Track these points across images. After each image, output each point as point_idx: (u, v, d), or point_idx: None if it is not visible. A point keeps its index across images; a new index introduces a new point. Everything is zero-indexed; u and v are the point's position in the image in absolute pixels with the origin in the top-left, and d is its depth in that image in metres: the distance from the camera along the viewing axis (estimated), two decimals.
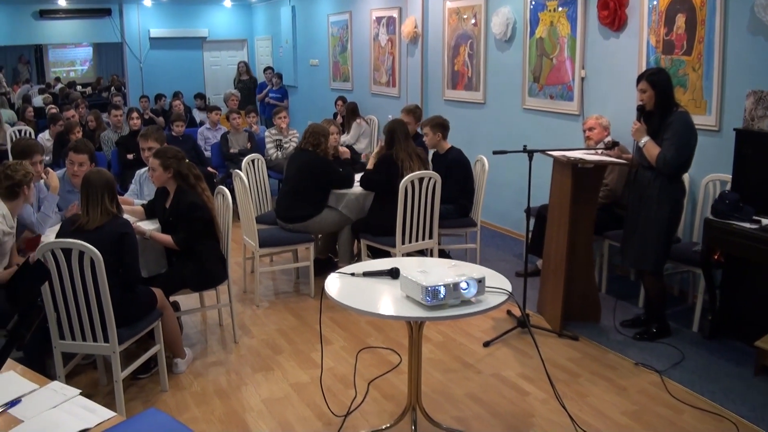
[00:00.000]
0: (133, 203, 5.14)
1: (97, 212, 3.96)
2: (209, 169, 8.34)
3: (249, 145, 9.04)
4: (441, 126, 6.30)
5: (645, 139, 4.56)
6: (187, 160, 4.73)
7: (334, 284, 3.40)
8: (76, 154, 5.17)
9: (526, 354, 4.69)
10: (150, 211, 4.94)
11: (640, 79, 4.56)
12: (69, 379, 4.19)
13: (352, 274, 3.49)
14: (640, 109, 4.57)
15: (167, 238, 4.55)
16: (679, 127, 4.43)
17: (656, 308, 4.89)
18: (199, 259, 4.61)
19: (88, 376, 4.42)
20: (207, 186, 4.76)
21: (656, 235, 4.61)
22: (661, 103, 4.49)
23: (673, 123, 4.44)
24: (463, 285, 3.07)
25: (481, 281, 3.11)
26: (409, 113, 7.01)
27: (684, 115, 4.48)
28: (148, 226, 4.74)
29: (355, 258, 6.19)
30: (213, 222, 4.67)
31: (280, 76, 13.28)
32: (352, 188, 5.95)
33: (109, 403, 3.79)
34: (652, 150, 4.53)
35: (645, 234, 4.64)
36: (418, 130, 6.84)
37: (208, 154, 9.22)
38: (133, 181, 5.63)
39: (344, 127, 9.87)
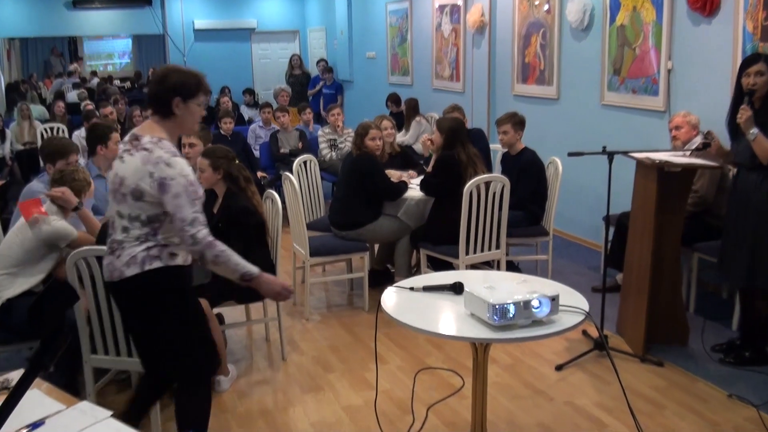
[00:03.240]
0: None
1: None
2: (259, 174, 8.42)
3: (300, 144, 9.13)
4: (521, 124, 6.29)
5: (755, 131, 4.31)
6: (237, 161, 4.80)
7: (391, 298, 3.39)
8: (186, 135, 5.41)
9: (603, 380, 4.61)
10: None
11: (753, 61, 4.37)
12: (100, 399, 4.25)
13: (411, 288, 3.47)
14: (750, 94, 4.35)
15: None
16: None
17: (759, 333, 4.72)
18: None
19: (122, 396, 4.47)
20: (256, 189, 4.83)
21: None
22: None
23: None
24: (535, 303, 3.03)
25: (554, 299, 3.06)
26: (453, 111, 6.99)
27: None
28: None
29: (414, 270, 6.17)
30: (264, 228, 4.73)
31: (331, 70, 13.36)
32: (412, 193, 5.97)
33: (145, 426, 3.82)
34: (764, 143, 4.30)
35: (756, 247, 4.45)
36: (470, 127, 6.79)
37: (257, 153, 9.33)
38: None
39: (403, 126, 9.87)
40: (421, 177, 6.06)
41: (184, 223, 3.07)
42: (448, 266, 5.58)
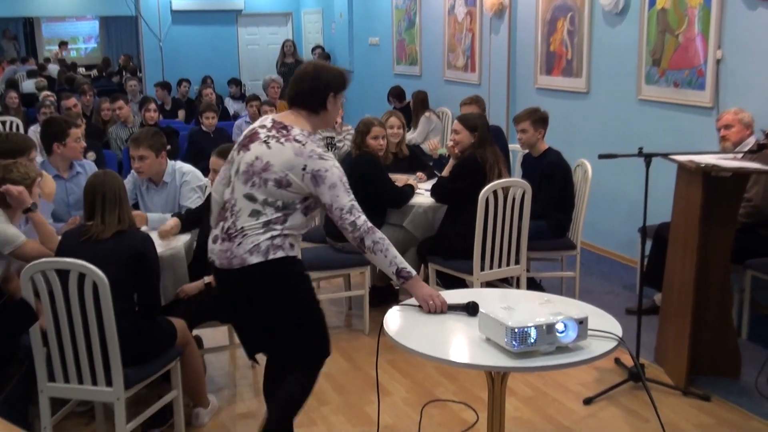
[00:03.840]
0: (145, 218, 5.22)
1: (114, 218, 4.07)
2: None
3: None
4: (543, 121, 6.28)
5: None
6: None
7: (395, 320, 3.39)
8: (135, 147, 5.38)
9: (639, 416, 4.60)
10: (191, 220, 5.10)
11: None
12: None
13: (419, 308, 3.48)
14: None
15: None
16: None
17: None
18: None
19: (83, 430, 4.44)
20: None
21: None
22: None
23: None
24: (560, 327, 3.02)
25: (582, 322, 3.05)
26: (473, 104, 6.97)
27: None
28: (175, 241, 4.88)
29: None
30: None
31: (328, 58, 13.39)
32: (420, 199, 5.97)
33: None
34: None
35: None
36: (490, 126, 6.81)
37: None
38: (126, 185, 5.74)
39: (411, 123, 9.86)
40: (432, 181, 6.05)
41: (343, 211, 3.60)
42: (461, 284, 5.57)
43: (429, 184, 6.07)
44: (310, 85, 3.70)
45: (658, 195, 5.74)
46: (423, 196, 6.01)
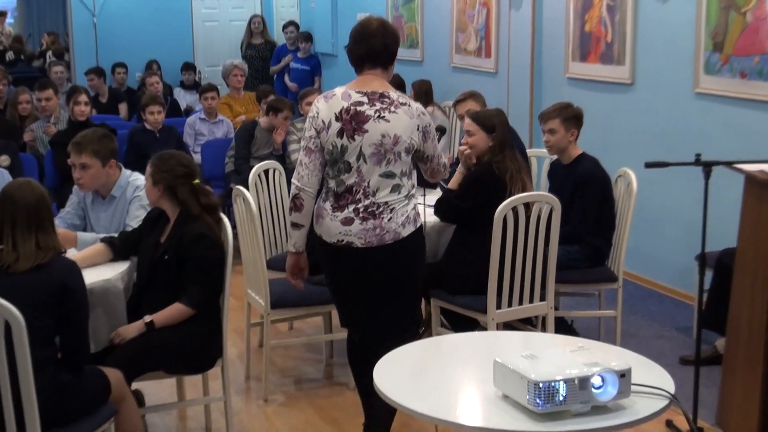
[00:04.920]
0: (74, 238, 5.20)
1: (30, 245, 4.03)
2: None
3: (271, 148, 9.13)
4: (576, 120, 6.28)
5: None
6: (196, 181, 4.97)
7: (388, 371, 3.39)
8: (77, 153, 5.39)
9: None
10: (127, 245, 5.10)
11: None
12: None
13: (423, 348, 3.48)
14: None
15: (173, 310, 4.73)
16: None
17: None
18: (184, 324, 4.74)
19: None
20: (219, 218, 4.98)
21: None
22: None
23: None
24: (597, 381, 3.03)
25: (624, 375, 3.05)
26: (470, 101, 6.99)
27: None
28: (109, 271, 4.84)
29: (423, 330, 6.16)
30: (224, 269, 4.91)
31: (308, 38, 13.40)
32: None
33: None
34: None
35: None
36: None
37: (198, 158, 9.35)
38: (70, 201, 5.72)
39: None
40: (436, 194, 6.05)
41: (441, 158, 4.79)
42: (472, 325, 5.57)
43: (432, 198, 6.02)
44: (381, 42, 4.58)
45: (721, 214, 5.74)
46: (426, 214, 5.98)
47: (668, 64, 7.57)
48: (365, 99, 4.50)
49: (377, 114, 4.47)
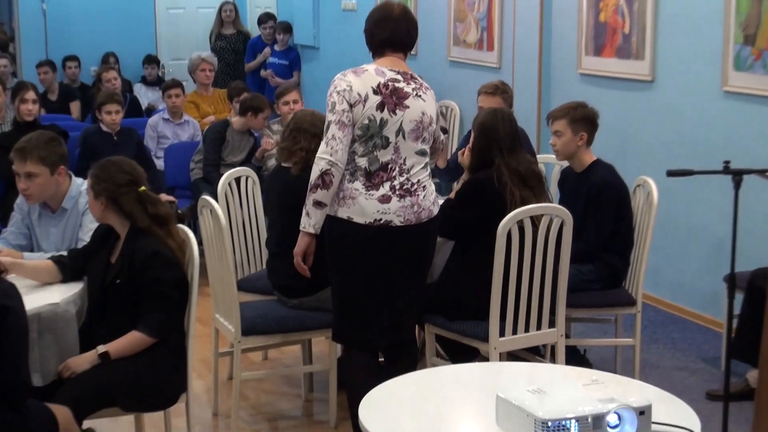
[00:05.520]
0: (18, 258, 5.20)
1: None
2: (162, 198, 8.42)
3: (244, 154, 9.12)
4: (586, 122, 6.26)
5: None
6: (142, 188, 4.92)
7: (376, 406, 3.40)
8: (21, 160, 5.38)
9: None
10: (79, 264, 5.07)
11: None
12: None
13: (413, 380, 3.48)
14: None
15: (130, 339, 4.69)
16: None
17: None
18: (142, 355, 4.71)
19: None
20: (178, 234, 4.94)
21: None
22: None
23: None
24: (613, 419, 3.03)
25: (644, 412, 3.06)
26: (496, 94, 6.97)
27: None
28: (59, 293, 4.82)
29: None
30: (186, 290, 4.88)
31: (288, 30, 13.39)
32: None
33: None
34: None
35: None
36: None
37: (160, 163, 9.39)
38: (12, 220, 5.71)
39: None
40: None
41: (442, 134, 5.41)
42: (472, 354, 5.57)
43: None
44: (405, 28, 5.10)
45: (753, 229, 5.75)
46: None
47: (693, 59, 7.58)
48: (400, 77, 4.99)
49: (415, 92, 5.01)
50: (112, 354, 4.64)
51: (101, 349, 4.65)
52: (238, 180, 6.67)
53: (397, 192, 4.93)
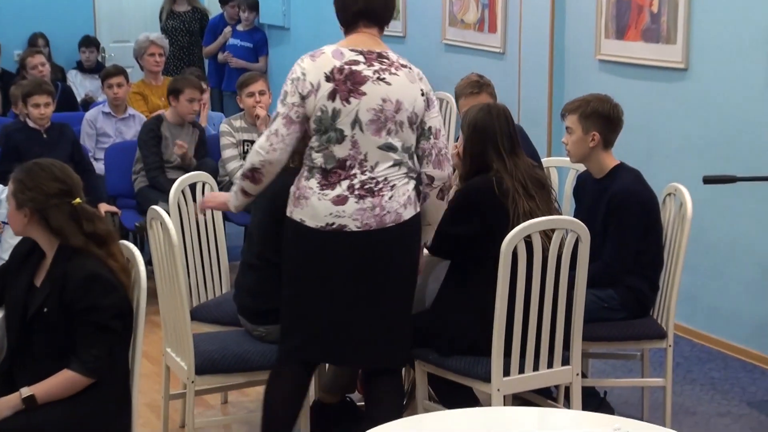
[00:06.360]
0: None
1: None
2: (103, 207, 8.41)
3: (192, 154, 9.08)
4: (600, 119, 6.24)
5: None
6: (77, 200, 4.87)
7: None
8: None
9: None
10: None
11: None
12: None
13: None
14: None
15: (60, 379, 4.65)
16: None
17: None
18: (76, 399, 4.68)
19: None
20: (118, 250, 4.91)
21: None
22: None
23: None
24: None
25: None
26: (481, 91, 7.02)
27: None
28: None
29: (405, 402, 6.15)
30: (131, 318, 4.83)
31: (253, 7, 13.40)
32: None
33: None
34: None
35: None
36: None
37: (100, 167, 9.40)
38: None
39: None
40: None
41: (444, 137, 5.24)
42: (469, 397, 5.59)
43: None
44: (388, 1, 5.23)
45: None
46: None
47: (733, 44, 7.59)
48: (361, 58, 5.03)
49: (376, 75, 5.01)
50: (39, 398, 4.60)
51: (25, 392, 4.60)
52: (193, 187, 6.64)
53: (356, 192, 4.98)
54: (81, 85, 13.03)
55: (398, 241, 5.10)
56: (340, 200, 4.95)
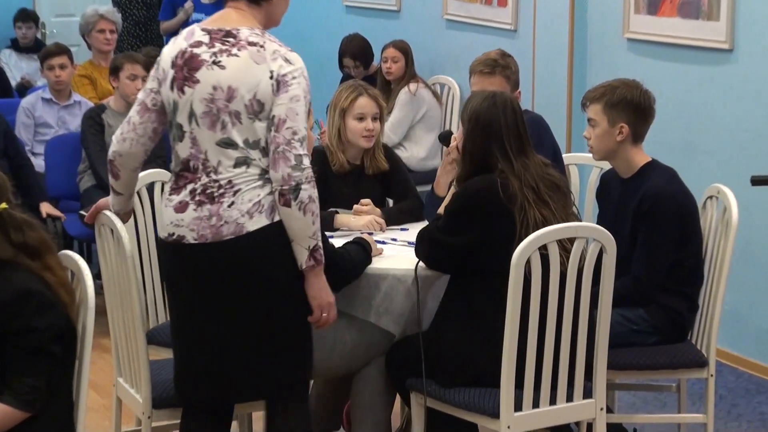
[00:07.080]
0: None
1: None
2: (44, 209, 8.41)
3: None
4: (629, 108, 6.22)
5: None
6: (3, 205, 4.79)
7: None
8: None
9: None
10: None
11: None
12: None
13: None
14: None
15: None
16: None
17: None
18: None
19: None
20: (56, 262, 4.85)
21: None
22: None
23: None
24: None
25: None
26: (495, 72, 7.00)
27: None
28: None
29: None
30: (74, 341, 4.79)
31: None
32: (392, 264, 5.96)
33: None
34: None
35: None
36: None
37: (40, 163, 9.43)
38: None
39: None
40: (420, 224, 6.05)
41: (296, 136, 4.81)
42: None
43: (412, 233, 6.08)
44: None
45: None
46: (401, 256, 6.03)
47: None
48: (206, 38, 4.90)
49: (212, 59, 4.85)
50: None
51: None
52: (151, 188, 6.58)
53: (197, 198, 4.86)
54: (16, 66, 13.06)
55: (242, 257, 4.88)
56: (181, 207, 4.86)
